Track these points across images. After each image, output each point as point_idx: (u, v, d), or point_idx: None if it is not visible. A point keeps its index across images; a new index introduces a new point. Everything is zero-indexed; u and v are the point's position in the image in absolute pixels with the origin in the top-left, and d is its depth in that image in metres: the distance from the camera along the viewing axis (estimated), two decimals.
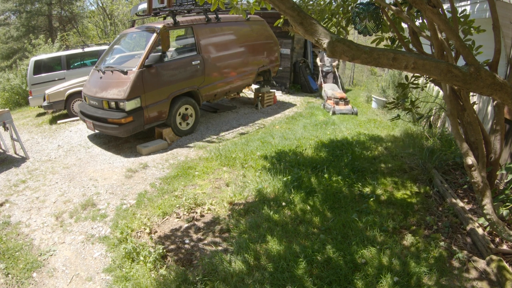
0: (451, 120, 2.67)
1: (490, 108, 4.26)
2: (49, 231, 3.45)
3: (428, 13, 2.18)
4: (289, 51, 9.89)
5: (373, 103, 8.40)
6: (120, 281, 2.67)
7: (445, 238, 2.97)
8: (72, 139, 6.12)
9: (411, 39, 3.57)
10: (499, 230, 2.48)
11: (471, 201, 3.47)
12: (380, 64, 1.89)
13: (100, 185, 4.33)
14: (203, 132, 6.35)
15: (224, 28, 6.78)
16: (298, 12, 1.88)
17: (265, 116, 7.45)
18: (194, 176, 4.39)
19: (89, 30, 22.84)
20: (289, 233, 3.08)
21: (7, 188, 4.34)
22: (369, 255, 2.77)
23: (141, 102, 5.33)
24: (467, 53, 2.12)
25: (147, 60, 5.37)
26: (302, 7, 4.18)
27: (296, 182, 3.92)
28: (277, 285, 2.50)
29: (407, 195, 3.69)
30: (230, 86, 7.03)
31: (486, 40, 3.30)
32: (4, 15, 20.67)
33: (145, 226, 3.33)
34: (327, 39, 1.82)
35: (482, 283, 2.48)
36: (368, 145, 5.19)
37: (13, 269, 2.90)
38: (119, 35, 6.93)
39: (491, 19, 2.65)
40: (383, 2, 3.16)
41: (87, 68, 8.26)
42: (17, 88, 10.32)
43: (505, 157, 3.78)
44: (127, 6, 19.78)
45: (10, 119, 5.28)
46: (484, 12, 3.93)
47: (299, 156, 4.74)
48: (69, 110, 7.49)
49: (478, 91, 2.04)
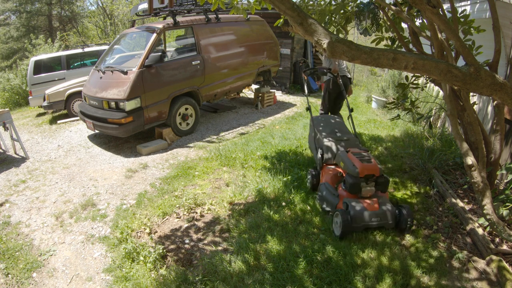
0: (451, 120, 2.67)
1: (490, 108, 4.26)
2: (49, 231, 3.45)
3: (428, 13, 2.18)
4: (289, 51, 9.89)
5: (373, 103, 8.40)
6: (120, 281, 2.67)
7: (445, 238, 2.97)
8: (72, 139, 6.12)
9: (411, 39, 3.58)
10: (499, 230, 2.48)
11: (471, 201, 3.47)
12: (380, 65, 1.89)
13: (100, 185, 4.33)
14: (203, 132, 6.35)
15: (224, 28, 6.78)
16: (298, 12, 1.88)
17: (265, 116, 7.45)
18: (194, 176, 4.39)
19: (89, 30, 22.85)
20: (289, 233, 3.08)
21: (7, 188, 4.34)
22: (369, 255, 2.77)
23: (141, 102, 5.33)
24: (467, 53, 2.12)
25: (147, 60, 5.37)
26: (302, 7, 4.18)
27: (296, 182, 3.92)
28: (277, 285, 2.50)
29: (407, 195, 3.69)
30: (230, 86, 7.03)
31: (486, 40, 3.30)
32: (4, 15, 20.69)
33: (145, 226, 3.33)
34: (327, 40, 1.82)
35: (482, 283, 2.48)
36: (368, 145, 5.19)
37: (13, 269, 2.90)
38: (119, 35, 6.93)
39: (491, 19, 2.65)
40: (383, 2, 3.16)
41: (87, 68, 8.26)
42: (17, 88, 10.32)
43: (505, 157, 3.78)
44: (127, 6, 19.78)
45: (10, 119, 5.28)
46: (484, 12, 3.93)
47: (299, 156, 4.74)
48: (69, 110, 7.49)
49: (478, 91, 2.04)
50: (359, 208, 2.99)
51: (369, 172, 3.09)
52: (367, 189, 3.13)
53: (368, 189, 3.14)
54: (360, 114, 7.61)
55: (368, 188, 3.14)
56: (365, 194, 3.14)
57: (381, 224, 3.01)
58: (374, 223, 2.98)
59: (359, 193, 3.13)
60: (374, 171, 3.11)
